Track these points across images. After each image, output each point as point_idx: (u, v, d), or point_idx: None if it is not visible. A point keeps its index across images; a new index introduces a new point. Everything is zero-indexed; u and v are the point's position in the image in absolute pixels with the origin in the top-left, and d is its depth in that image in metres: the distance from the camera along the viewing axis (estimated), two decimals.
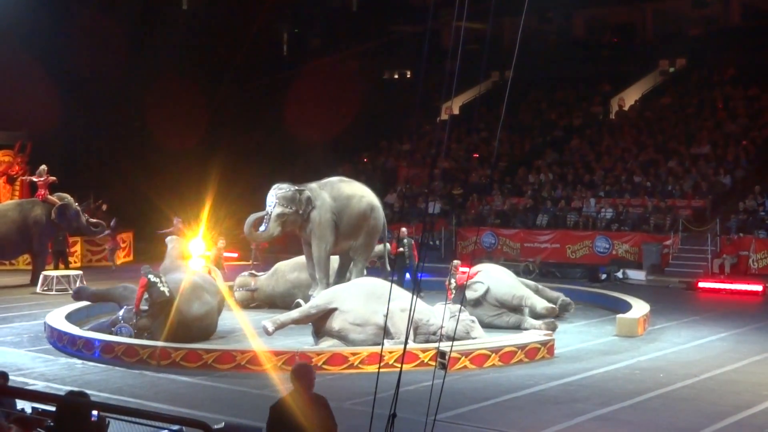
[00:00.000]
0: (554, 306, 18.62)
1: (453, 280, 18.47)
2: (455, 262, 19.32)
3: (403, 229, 23.87)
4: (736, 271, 26.09)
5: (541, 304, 18.29)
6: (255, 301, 20.71)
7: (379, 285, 16.40)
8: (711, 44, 36.92)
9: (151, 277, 16.03)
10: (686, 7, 40.44)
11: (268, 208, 18.77)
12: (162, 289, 15.99)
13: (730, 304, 22.66)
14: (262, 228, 18.80)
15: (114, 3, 35.65)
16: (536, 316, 18.10)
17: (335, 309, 15.89)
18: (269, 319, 16.31)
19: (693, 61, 38.53)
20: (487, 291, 18.30)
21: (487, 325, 17.33)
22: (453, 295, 17.84)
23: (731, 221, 27.45)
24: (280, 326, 15.99)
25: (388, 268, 20.45)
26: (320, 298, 16.63)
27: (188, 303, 16.50)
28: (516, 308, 18.33)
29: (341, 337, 15.65)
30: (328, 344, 15.53)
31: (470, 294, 18.29)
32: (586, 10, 42.29)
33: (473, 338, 15.53)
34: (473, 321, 16.00)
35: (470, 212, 32.35)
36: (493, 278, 18.75)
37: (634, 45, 41.40)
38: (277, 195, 18.78)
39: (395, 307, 15.11)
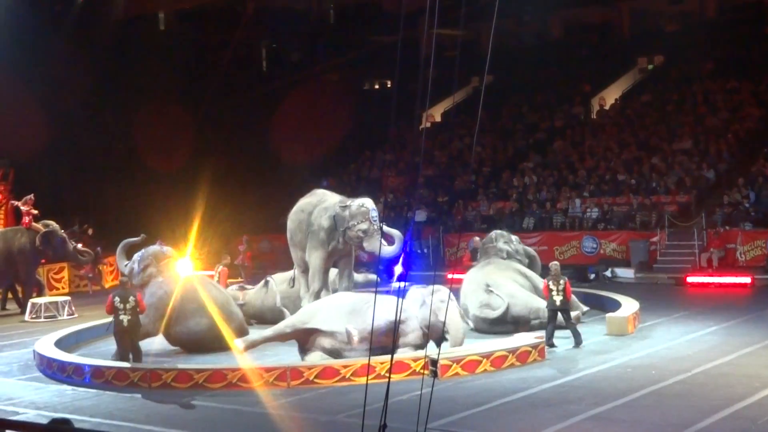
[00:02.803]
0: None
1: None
2: (476, 238, 22.36)
3: (476, 239, 23.71)
4: (724, 264, 26.17)
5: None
6: (245, 316, 20.71)
7: (356, 299, 16.14)
8: (688, 39, 37.07)
9: (116, 302, 15.70)
10: (662, 4, 40.67)
11: (375, 224, 17.92)
12: (120, 317, 15.61)
13: (719, 297, 22.71)
14: (394, 246, 17.87)
15: (92, 26, 35.59)
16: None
17: (316, 329, 15.64)
18: (241, 338, 16.17)
19: (671, 57, 38.69)
20: (507, 309, 18.17)
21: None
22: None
23: (717, 215, 27.54)
24: (251, 345, 15.70)
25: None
26: (296, 317, 16.37)
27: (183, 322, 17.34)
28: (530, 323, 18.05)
29: (334, 355, 15.47)
30: (318, 356, 15.40)
31: (489, 313, 18.25)
32: (563, 12, 42.44)
33: (441, 321, 14.86)
34: (442, 301, 15.28)
35: (456, 218, 32.36)
36: (501, 291, 18.46)
37: (612, 44, 41.56)
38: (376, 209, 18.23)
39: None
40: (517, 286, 18.92)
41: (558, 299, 16.55)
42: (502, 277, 19.06)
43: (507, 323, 18.13)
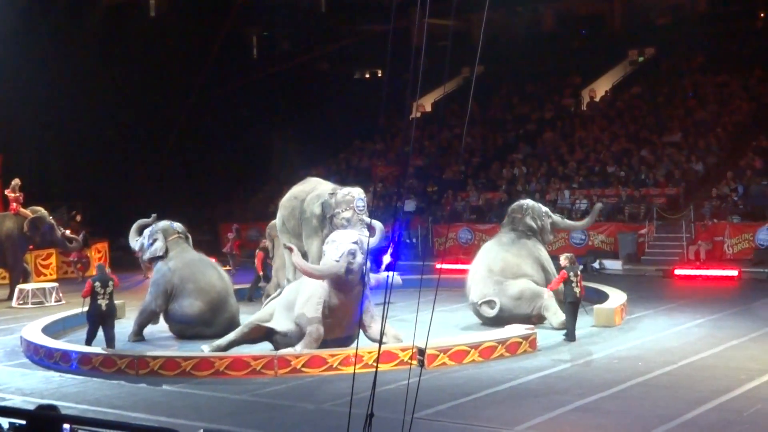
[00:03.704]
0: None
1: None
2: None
3: None
4: (712, 257, 26.23)
5: (557, 320, 17.39)
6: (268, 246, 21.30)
7: (290, 290, 15.93)
8: (679, 32, 37.13)
9: (97, 286, 15.96)
10: None
11: (363, 216, 17.97)
12: (99, 302, 15.93)
13: (706, 290, 22.77)
14: (374, 238, 17.30)
15: (81, 13, 35.44)
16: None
17: (273, 330, 15.55)
18: (208, 343, 16.03)
19: (662, 50, 38.75)
20: (507, 310, 17.84)
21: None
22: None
23: (705, 208, 27.60)
24: (216, 350, 15.54)
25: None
26: (256, 316, 16.17)
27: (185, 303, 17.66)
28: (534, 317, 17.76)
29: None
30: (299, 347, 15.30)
31: (487, 311, 17.98)
32: (555, 3, 42.52)
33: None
34: (333, 242, 15.14)
35: (446, 209, 32.36)
36: (507, 293, 18.07)
37: (603, 36, 41.60)
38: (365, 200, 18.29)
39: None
40: (528, 284, 18.28)
41: (577, 291, 16.32)
42: (514, 275, 18.37)
43: (507, 321, 17.57)
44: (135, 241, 18.88)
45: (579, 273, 16.63)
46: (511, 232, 19.44)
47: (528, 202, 20.30)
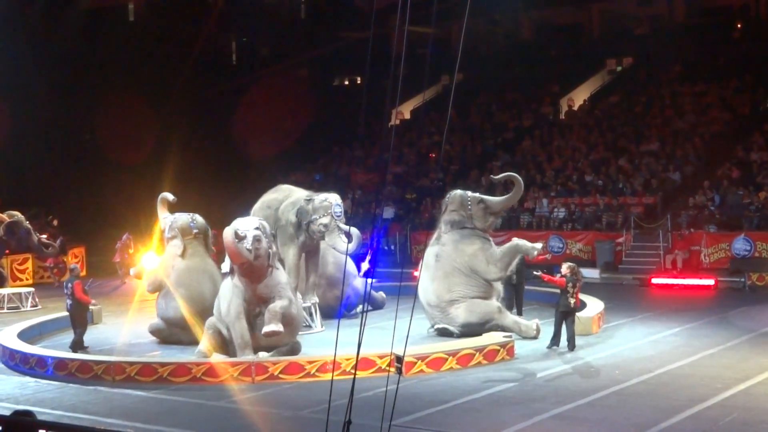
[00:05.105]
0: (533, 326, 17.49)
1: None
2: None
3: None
4: (688, 266, 26.34)
5: (529, 333, 17.16)
6: None
7: (216, 305, 16.06)
8: (657, 42, 37.35)
9: (64, 285, 17.21)
10: (632, 6, 40.93)
11: (338, 221, 17.97)
12: (67, 301, 16.88)
13: (683, 299, 22.88)
14: (352, 244, 17.86)
15: (61, 16, 35.28)
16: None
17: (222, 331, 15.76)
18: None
19: (640, 60, 38.95)
20: (459, 333, 17.52)
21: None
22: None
23: (682, 217, 27.73)
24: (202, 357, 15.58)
25: None
26: (214, 317, 16.11)
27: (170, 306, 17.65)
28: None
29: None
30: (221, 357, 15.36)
31: (450, 336, 17.60)
32: (533, 12, 42.62)
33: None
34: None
35: (424, 216, 32.38)
36: (455, 322, 17.65)
37: (582, 45, 41.75)
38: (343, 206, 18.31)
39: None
40: (469, 309, 17.65)
41: (572, 301, 16.15)
42: (449, 301, 17.79)
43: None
44: (163, 219, 19.05)
45: (579, 284, 16.41)
46: (435, 244, 18.60)
47: (450, 194, 19.09)
